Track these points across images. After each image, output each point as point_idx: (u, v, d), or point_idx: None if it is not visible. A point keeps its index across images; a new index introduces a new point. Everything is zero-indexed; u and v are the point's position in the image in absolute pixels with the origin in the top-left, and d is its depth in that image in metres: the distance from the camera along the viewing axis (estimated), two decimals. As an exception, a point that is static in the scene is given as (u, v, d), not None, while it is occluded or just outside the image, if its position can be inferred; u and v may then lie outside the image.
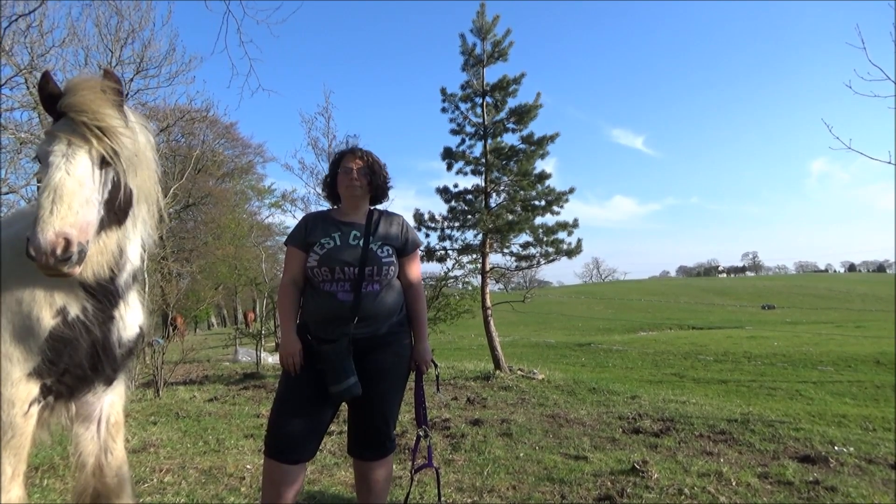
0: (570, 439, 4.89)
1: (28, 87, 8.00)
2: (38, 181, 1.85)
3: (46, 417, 1.96)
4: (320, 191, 11.22)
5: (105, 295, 1.98)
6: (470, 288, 11.36)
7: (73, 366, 1.92)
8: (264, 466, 2.44)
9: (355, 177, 2.57)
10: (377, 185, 2.64)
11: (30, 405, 1.85)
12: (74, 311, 1.92)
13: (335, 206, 2.75)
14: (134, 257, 2.07)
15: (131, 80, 8.92)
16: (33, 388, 1.85)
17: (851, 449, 4.64)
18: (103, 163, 1.83)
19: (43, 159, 1.78)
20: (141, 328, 2.14)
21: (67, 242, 1.63)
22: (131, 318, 2.09)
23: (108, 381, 2.10)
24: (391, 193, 2.79)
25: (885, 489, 3.67)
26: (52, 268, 1.64)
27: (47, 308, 1.88)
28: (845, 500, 3.43)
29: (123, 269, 2.03)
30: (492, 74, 9.63)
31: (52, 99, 1.85)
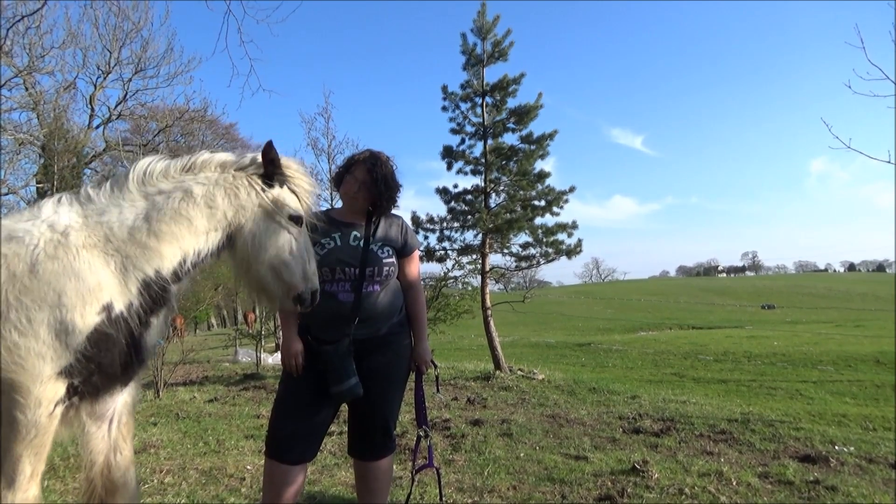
0: (570, 439, 4.89)
1: (27, 89, 8.01)
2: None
3: (72, 416, 1.96)
4: (321, 190, 11.23)
5: (156, 297, 2.02)
6: (470, 288, 11.35)
7: (106, 364, 1.92)
8: (265, 467, 2.44)
9: (356, 191, 2.52)
10: (379, 204, 2.55)
11: (55, 405, 1.84)
12: (119, 306, 1.93)
13: (333, 207, 2.75)
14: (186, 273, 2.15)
15: (130, 80, 8.94)
16: (60, 388, 1.84)
17: (852, 448, 4.64)
18: None
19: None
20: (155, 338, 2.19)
21: None
22: (158, 326, 2.13)
23: (128, 383, 2.12)
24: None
25: (886, 489, 3.67)
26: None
27: (94, 304, 1.87)
28: (846, 499, 3.43)
29: (180, 280, 2.10)
30: (492, 74, 9.64)
31: (274, 164, 2.22)
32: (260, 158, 2.24)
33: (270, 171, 2.21)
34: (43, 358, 1.80)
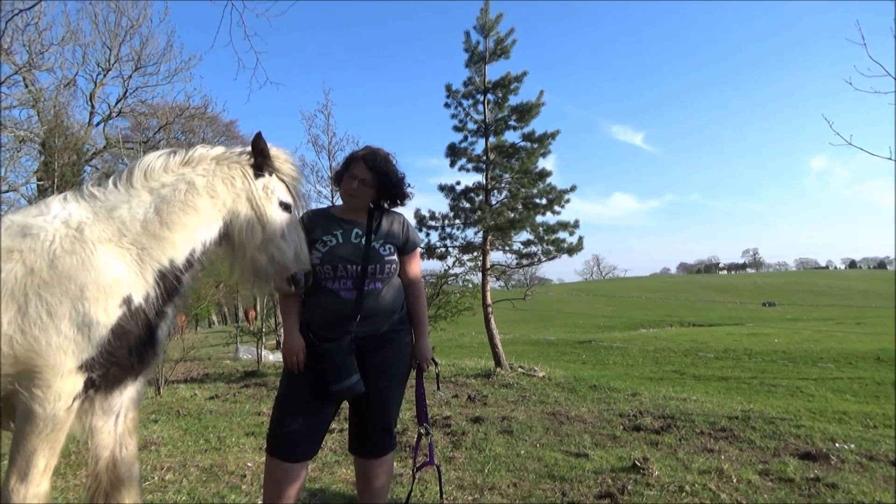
0: (570, 437, 4.89)
1: (26, 85, 8.00)
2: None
3: (86, 409, 1.98)
4: (322, 188, 11.24)
5: (171, 287, 2.07)
6: (470, 285, 11.35)
7: (124, 357, 1.94)
8: (266, 464, 2.44)
9: (355, 188, 2.51)
10: (383, 199, 2.57)
11: (74, 399, 1.85)
12: (138, 298, 1.96)
13: (334, 204, 2.74)
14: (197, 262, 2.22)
15: (129, 77, 8.94)
16: (79, 382, 1.85)
17: (852, 446, 4.64)
18: None
19: None
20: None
21: None
22: (171, 316, 2.17)
23: (141, 375, 2.14)
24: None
25: (886, 486, 3.67)
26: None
27: (115, 297, 1.90)
28: (846, 497, 3.43)
29: (192, 268, 2.16)
30: (494, 72, 9.61)
31: (263, 155, 2.33)
32: (250, 149, 2.36)
33: (260, 161, 2.35)
34: (64, 352, 1.81)
